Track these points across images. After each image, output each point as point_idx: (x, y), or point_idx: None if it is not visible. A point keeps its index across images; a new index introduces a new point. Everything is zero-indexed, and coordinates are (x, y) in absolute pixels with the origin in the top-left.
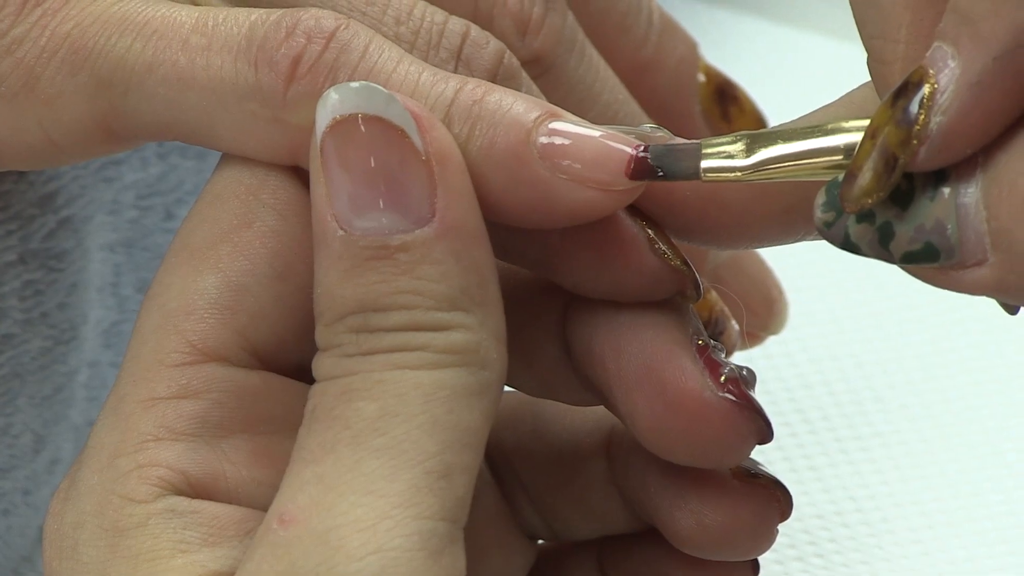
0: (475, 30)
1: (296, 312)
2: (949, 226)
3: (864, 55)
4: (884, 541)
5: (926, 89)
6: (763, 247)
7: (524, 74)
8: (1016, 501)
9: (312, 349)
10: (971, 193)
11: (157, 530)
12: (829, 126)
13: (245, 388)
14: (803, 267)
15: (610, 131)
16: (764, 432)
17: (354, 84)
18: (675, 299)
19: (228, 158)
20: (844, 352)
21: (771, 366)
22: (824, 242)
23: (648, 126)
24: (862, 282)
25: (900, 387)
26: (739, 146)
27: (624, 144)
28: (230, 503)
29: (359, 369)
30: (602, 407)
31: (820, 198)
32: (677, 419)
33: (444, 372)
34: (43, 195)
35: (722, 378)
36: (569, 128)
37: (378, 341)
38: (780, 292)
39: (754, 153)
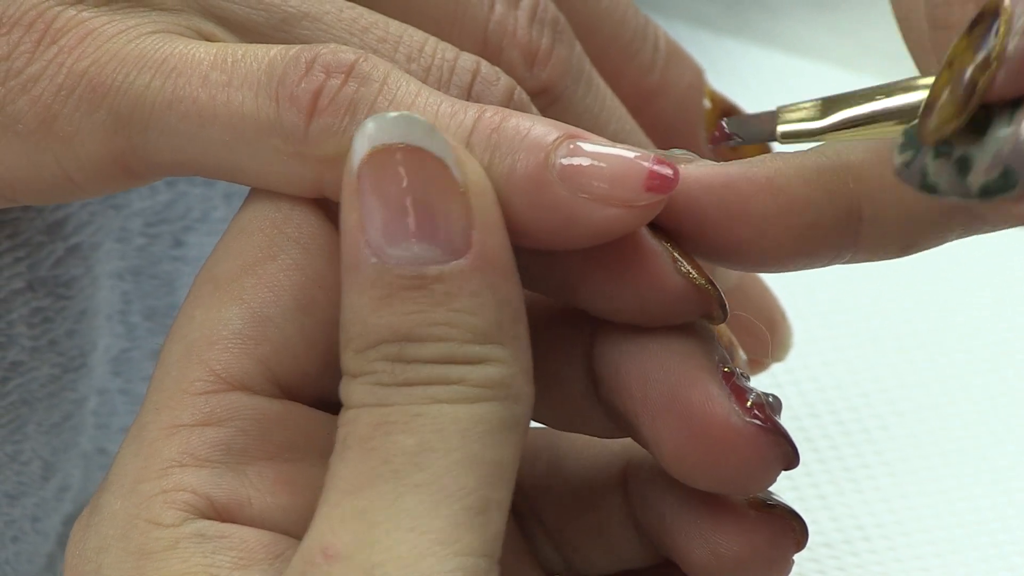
0: (485, 66)
1: (318, 344)
2: None
3: (871, 83)
4: (892, 569)
5: (1002, 15)
6: (786, 270)
7: (534, 109)
8: (1021, 529)
9: (333, 381)
10: None
11: (186, 554)
12: (904, 83)
13: (268, 416)
14: (810, 295)
15: (628, 147)
16: (790, 457)
17: (392, 114)
18: (700, 324)
19: (254, 193)
20: (851, 381)
21: (779, 395)
22: (832, 271)
23: (677, 151)
24: (869, 311)
25: (907, 415)
26: (815, 110)
27: (642, 159)
28: (254, 528)
29: (395, 401)
30: (618, 441)
31: (898, 139)
32: (703, 445)
33: (480, 406)
34: (51, 223)
35: (748, 403)
36: (587, 147)
37: (415, 373)
38: (783, 318)
39: (830, 114)
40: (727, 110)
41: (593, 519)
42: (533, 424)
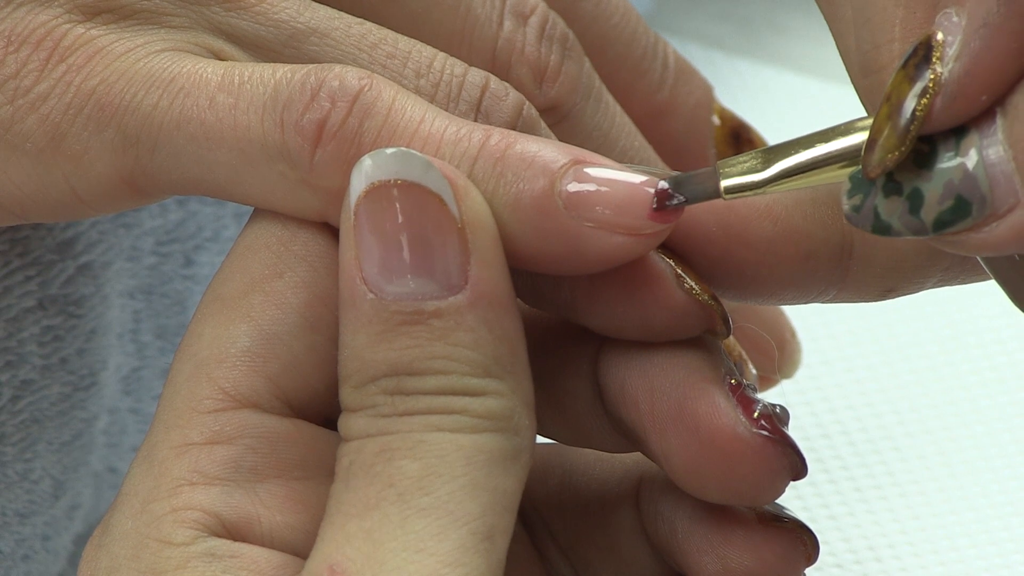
0: (494, 82)
1: (327, 361)
2: (978, 175)
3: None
4: None
5: (935, 45)
6: (783, 301)
7: (543, 124)
8: None
9: None
10: (994, 138)
11: (196, 573)
12: (843, 127)
13: (277, 434)
14: (821, 316)
15: (636, 171)
16: (798, 467)
17: (389, 150)
18: (705, 337)
19: (260, 211)
20: (862, 401)
21: (790, 415)
22: None
23: (675, 174)
24: (881, 332)
25: (918, 436)
26: (755, 161)
27: (648, 185)
28: (264, 548)
29: (397, 429)
30: (630, 457)
31: (845, 186)
32: (712, 456)
33: (482, 436)
34: (62, 241)
35: (755, 414)
36: (594, 173)
37: (415, 403)
38: (793, 335)
39: (771, 165)
40: (736, 127)
41: (605, 534)
42: (544, 439)
